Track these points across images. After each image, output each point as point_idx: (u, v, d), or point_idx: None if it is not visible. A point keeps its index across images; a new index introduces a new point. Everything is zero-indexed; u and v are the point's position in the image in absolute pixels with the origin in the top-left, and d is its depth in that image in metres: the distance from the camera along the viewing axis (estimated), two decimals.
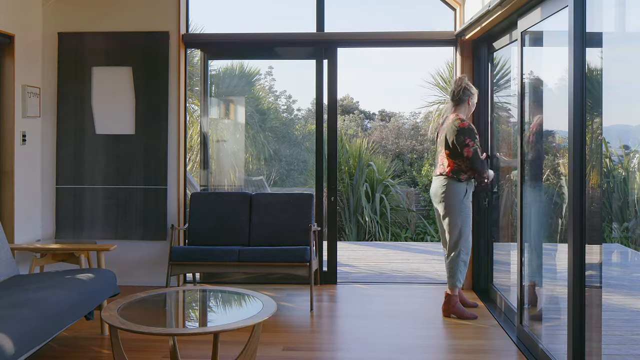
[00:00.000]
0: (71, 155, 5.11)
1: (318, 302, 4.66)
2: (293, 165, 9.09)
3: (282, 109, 10.46)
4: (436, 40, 5.24)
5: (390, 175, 9.87)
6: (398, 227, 9.48)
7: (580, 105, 2.78)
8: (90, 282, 3.48)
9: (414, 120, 12.98)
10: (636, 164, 3.77)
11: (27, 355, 2.76)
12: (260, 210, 4.94)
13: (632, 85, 2.74)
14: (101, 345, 3.67)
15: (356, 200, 9.15)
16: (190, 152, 7.08)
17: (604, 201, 2.98)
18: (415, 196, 10.11)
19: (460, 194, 4.20)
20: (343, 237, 9.00)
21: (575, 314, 2.83)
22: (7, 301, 2.98)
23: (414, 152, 12.00)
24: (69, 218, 5.12)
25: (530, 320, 3.71)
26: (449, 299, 4.25)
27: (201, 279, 5.34)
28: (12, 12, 4.65)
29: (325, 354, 3.62)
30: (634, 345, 3.22)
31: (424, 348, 3.65)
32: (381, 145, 11.77)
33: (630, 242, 3.98)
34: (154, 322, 2.91)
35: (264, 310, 2.92)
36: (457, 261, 4.22)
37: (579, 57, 2.79)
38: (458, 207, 4.20)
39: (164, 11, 5.08)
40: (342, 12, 11.08)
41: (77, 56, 5.11)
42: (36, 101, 4.97)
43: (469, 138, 4.09)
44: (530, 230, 3.73)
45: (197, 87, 7.04)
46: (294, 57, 5.84)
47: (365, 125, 13.44)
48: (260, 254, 4.43)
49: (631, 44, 2.74)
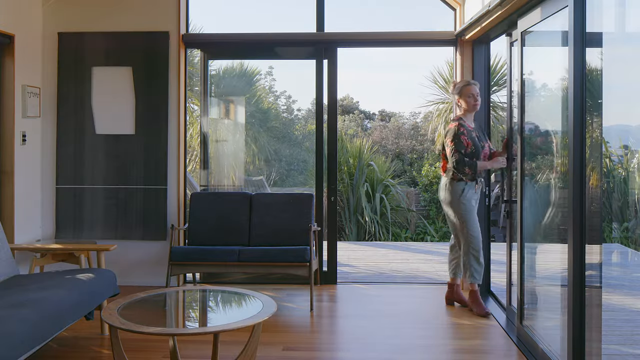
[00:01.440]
0: (71, 155, 5.11)
1: (318, 302, 4.67)
2: (293, 165, 9.10)
3: (282, 109, 10.46)
4: (436, 40, 5.24)
5: (390, 175, 9.87)
6: (398, 227, 9.48)
7: (580, 105, 2.78)
8: (90, 282, 3.48)
9: (414, 120, 12.98)
10: (636, 164, 3.77)
11: (27, 355, 2.76)
12: (260, 210, 4.94)
13: (632, 85, 2.75)
14: (101, 345, 3.67)
15: (356, 200, 9.15)
16: (190, 152, 7.08)
17: (604, 201, 2.98)
18: (415, 196, 10.11)
19: (456, 192, 4.28)
20: (343, 237, 9.00)
21: (575, 314, 2.83)
22: (7, 301, 2.98)
23: (414, 152, 12.00)
24: (69, 218, 5.12)
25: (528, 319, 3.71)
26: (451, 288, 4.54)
27: (201, 279, 5.34)
28: (12, 12, 4.65)
29: (325, 354, 3.62)
30: (634, 345, 3.23)
31: (424, 348, 3.65)
32: (381, 145, 11.77)
33: (630, 242, 3.98)
34: (154, 322, 2.91)
35: (264, 310, 2.92)
36: (467, 257, 4.32)
37: (579, 57, 2.79)
38: (456, 206, 4.30)
39: (164, 11, 5.08)
40: (342, 12, 11.09)
41: (77, 56, 5.11)
42: (36, 101, 4.97)
43: (449, 138, 4.29)
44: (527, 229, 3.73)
45: (197, 87, 7.04)
46: (294, 57, 5.84)
47: (365, 125, 13.45)
48: (260, 254, 4.43)
49: (631, 44, 2.74)
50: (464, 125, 4.31)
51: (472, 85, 4.37)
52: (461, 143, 4.24)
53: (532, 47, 3.70)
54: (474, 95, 4.35)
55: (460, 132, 4.26)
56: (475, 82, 4.42)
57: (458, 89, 4.40)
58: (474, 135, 4.32)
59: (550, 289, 3.65)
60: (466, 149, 4.25)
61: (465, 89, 4.37)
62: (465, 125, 4.31)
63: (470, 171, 4.23)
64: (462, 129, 4.28)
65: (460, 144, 4.24)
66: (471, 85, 4.36)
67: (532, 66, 3.72)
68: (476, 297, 4.35)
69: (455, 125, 4.31)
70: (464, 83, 4.40)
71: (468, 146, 4.25)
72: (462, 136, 4.25)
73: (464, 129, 4.28)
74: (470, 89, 4.35)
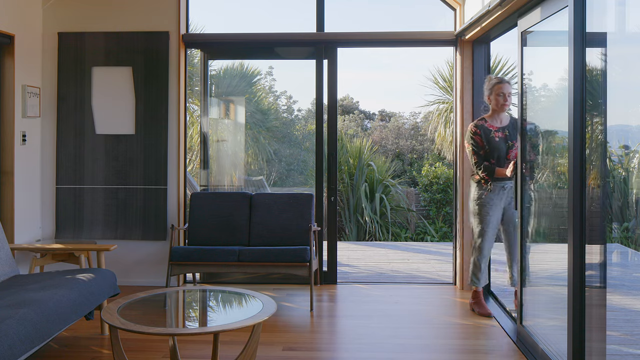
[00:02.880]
0: (71, 155, 5.12)
1: (318, 302, 4.67)
2: (293, 165, 9.10)
3: (282, 109, 10.47)
4: (436, 40, 5.24)
5: (390, 175, 9.87)
6: (398, 227, 9.48)
7: (580, 105, 2.78)
8: (90, 282, 3.48)
9: (414, 120, 12.99)
10: (636, 164, 3.77)
11: (27, 355, 2.76)
12: (260, 210, 4.94)
13: (632, 86, 2.74)
14: (101, 345, 3.67)
15: (356, 200, 9.15)
16: (190, 152, 7.08)
17: (604, 201, 2.98)
18: (415, 196, 10.11)
19: (472, 194, 4.32)
20: (343, 237, 9.00)
21: (575, 314, 2.83)
22: (7, 301, 2.98)
23: (414, 152, 12.01)
24: (69, 218, 5.12)
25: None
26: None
27: (201, 279, 5.34)
28: (12, 12, 4.65)
29: (325, 354, 3.62)
30: (634, 345, 3.23)
31: (424, 348, 3.65)
32: (381, 145, 11.78)
33: (630, 242, 3.98)
34: (154, 322, 2.91)
35: (264, 310, 2.92)
36: (471, 258, 4.37)
37: (579, 57, 2.79)
38: (472, 208, 4.32)
39: (164, 11, 5.08)
40: (342, 12, 11.10)
41: (77, 56, 5.11)
42: (36, 101, 4.97)
43: (466, 140, 4.32)
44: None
45: (197, 87, 7.04)
46: (294, 57, 5.84)
47: (365, 125, 13.45)
48: (260, 254, 4.43)
49: (631, 44, 2.74)
50: (482, 126, 4.23)
51: (504, 84, 4.19)
52: (477, 144, 4.21)
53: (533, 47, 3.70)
54: (504, 94, 4.19)
55: (474, 132, 4.23)
56: (508, 81, 4.22)
57: (490, 86, 4.24)
58: (492, 136, 4.20)
59: (550, 289, 3.65)
60: (481, 150, 4.21)
61: (496, 86, 4.20)
62: (483, 126, 4.23)
63: (485, 174, 4.16)
64: (477, 129, 4.22)
65: (476, 145, 4.21)
66: (503, 84, 4.19)
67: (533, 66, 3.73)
68: (478, 297, 4.37)
69: (472, 126, 4.28)
70: (496, 81, 4.22)
71: (483, 147, 4.20)
72: (475, 136, 4.22)
73: (478, 129, 4.22)
74: (502, 87, 4.18)
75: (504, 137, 4.22)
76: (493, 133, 4.21)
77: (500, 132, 4.22)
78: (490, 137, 4.20)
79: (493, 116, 4.28)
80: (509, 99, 4.22)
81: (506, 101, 4.20)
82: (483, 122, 4.26)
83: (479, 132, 4.21)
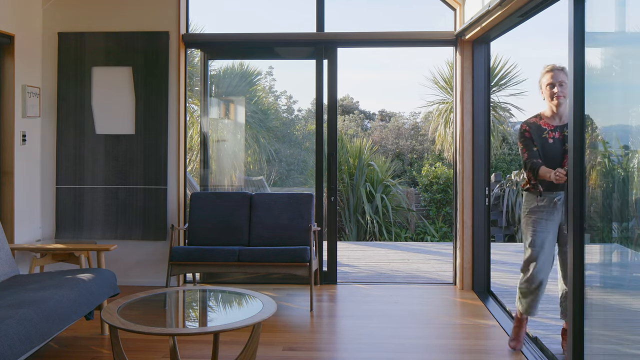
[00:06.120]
0: (71, 155, 5.12)
1: (318, 302, 4.67)
2: (293, 165, 9.09)
3: (282, 109, 10.47)
4: (436, 40, 5.24)
5: (390, 175, 9.88)
6: (398, 227, 9.48)
7: (580, 105, 2.78)
8: (90, 282, 3.48)
9: (414, 120, 12.99)
10: (636, 164, 3.77)
11: (27, 355, 2.76)
12: (260, 210, 4.94)
13: (632, 86, 2.74)
14: (101, 345, 3.67)
15: (356, 200, 9.15)
16: (190, 152, 7.08)
17: (604, 201, 2.98)
18: (415, 196, 10.12)
19: (524, 204, 3.58)
20: (343, 237, 9.01)
21: (575, 314, 2.83)
22: (7, 301, 2.98)
23: (414, 152, 12.01)
24: (69, 218, 5.12)
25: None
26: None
27: (201, 279, 5.34)
28: (12, 12, 4.65)
29: (325, 354, 3.61)
30: (633, 345, 3.22)
31: (424, 348, 3.65)
32: (381, 145, 11.78)
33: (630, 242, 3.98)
34: (154, 322, 2.91)
35: (264, 310, 2.92)
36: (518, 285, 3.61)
37: (579, 57, 2.79)
38: (523, 221, 3.57)
39: (164, 11, 5.09)
40: (342, 12, 11.10)
41: (77, 56, 5.11)
42: (36, 101, 4.98)
43: (518, 139, 3.60)
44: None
45: (197, 87, 7.04)
46: (294, 57, 5.84)
47: (365, 125, 13.46)
48: (260, 254, 4.43)
49: (631, 44, 2.74)
50: (534, 124, 3.51)
51: (554, 72, 3.44)
52: (528, 141, 3.48)
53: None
54: (552, 83, 3.43)
55: (523, 131, 3.52)
56: (559, 67, 3.45)
57: (540, 77, 3.54)
58: (546, 137, 3.46)
59: (550, 289, 3.65)
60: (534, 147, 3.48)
61: (544, 76, 3.49)
62: (536, 124, 3.50)
63: (530, 174, 3.45)
64: (528, 127, 3.51)
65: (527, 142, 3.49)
66: (553, 72, 3.44)
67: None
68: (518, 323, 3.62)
69: (522, 123, 3.58)
70: (545, 69, 3.49)
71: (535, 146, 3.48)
72: (526, 133, 3.50)
73: (528, 127, 3.50)
74: (551, 75, 3.44)
75: (560, 138, 3.44)
76: (547, 133, 3.46)
77: (557, 131, 3.45)
78: (543, 138, 3.46)
79: (548, 113, 3.52)
80: (559, 89, 3.42)
81: (552, 90, 3.43)
82: (537, 120, 3.52)
83: (528, 130, 3.49)
